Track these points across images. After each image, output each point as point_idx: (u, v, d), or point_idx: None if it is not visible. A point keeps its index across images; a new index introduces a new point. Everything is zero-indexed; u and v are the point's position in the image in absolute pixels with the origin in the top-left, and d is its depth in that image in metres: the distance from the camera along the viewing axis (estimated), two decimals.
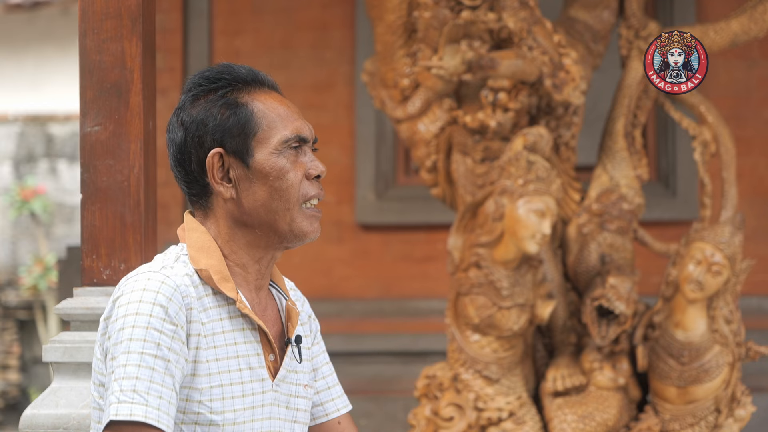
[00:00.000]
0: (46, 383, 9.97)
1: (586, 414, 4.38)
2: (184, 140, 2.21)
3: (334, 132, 6.36)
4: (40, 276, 10.68)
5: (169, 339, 2.08)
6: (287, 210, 2.19)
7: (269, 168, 2.19)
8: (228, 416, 2.14)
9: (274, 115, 2.21)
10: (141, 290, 2.11)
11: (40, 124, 11.33)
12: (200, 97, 2.22)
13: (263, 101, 2.22)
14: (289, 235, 2.22)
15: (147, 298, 2.10)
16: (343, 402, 2.44)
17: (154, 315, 2.08)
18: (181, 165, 2.23)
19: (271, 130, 2.20)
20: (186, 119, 2.21)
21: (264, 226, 2.20)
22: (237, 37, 6.53)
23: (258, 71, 2.27)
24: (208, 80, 2.23)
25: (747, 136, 6.13)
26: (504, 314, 4.33)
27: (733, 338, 4.39)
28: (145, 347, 2.06)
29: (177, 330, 2.10)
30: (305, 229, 2.22)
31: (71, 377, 3.18)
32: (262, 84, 2.25)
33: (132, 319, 2.08)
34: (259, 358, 2.20)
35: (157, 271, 2.15)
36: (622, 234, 4.49)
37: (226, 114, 2.19)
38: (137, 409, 2.03)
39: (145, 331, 2.07)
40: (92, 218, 3.22)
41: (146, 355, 2.06)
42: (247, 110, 2.20)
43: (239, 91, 2.22)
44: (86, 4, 3.23)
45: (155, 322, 2.08)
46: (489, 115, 4.40)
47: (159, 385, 2.06)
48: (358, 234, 6.46)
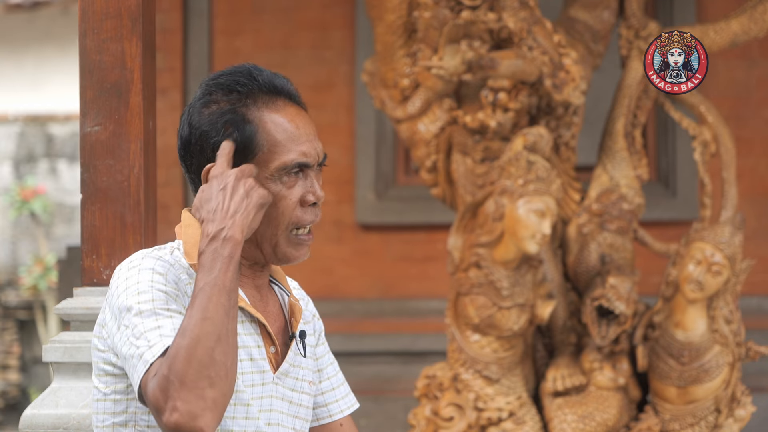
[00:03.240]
0: (46, 383, 9.97)
1: (586, 414, 4.38)
2: (189, 140, 2.20)
3: (334, 132, 6.36)
4: (40, 276, 10.68)
5: (174, 299, 2.08)
6: (274, 235, 2.17)
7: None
8: (228, 408, 2.13)
9: (279, 138, 2.15)
10: (137, 267, 2.11)
11: (40, 124, 11.33)
12: (210, 105, 2.18)
13: (273, 119, 2.16)
14: (272, 257, 2.20)
15: (145, 267, 2.10)
16: (347, 402, 2.42)
17: (155, 281, 2.08)
18: (184, 161, 2.23)
19: (271, 154, 2.14)
20: (193, 122, 2.19)
21: (249, 242, 2.18)
22: (237, 37, 6.53)
23: (279, 79, 2.21)
24: (222, 90, 2.18)
25: (747, 136, 6.13)
26: (504, 314, 4.33)
27: (733, 338, 4.39)
28: (156, 305, 2.05)
29: (179, 294, 2.10)
30: (289, 255, 2.19)
31: (71, 377, 3.18)
32: (279, 94, 2.20)
33: (134, 288, 2.07)
34: (260, 350, 2.18)
35: (148, 253, 2.15)
36: (622, 234, 4.49)
37: (229, 131, 2.15)
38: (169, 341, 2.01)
39: (151, 293, 2.07)
40: (92, 218, 3.22)
41: (158, 309, 2.05)
42: (252, 129, 2.14)
43: (250, 106, 2.16)
44: (86, 4, 3.23)
45: (158, 285, 2.08)
46: (489, 115, 4.40)
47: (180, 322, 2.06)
48: (358, 234, 6.45)
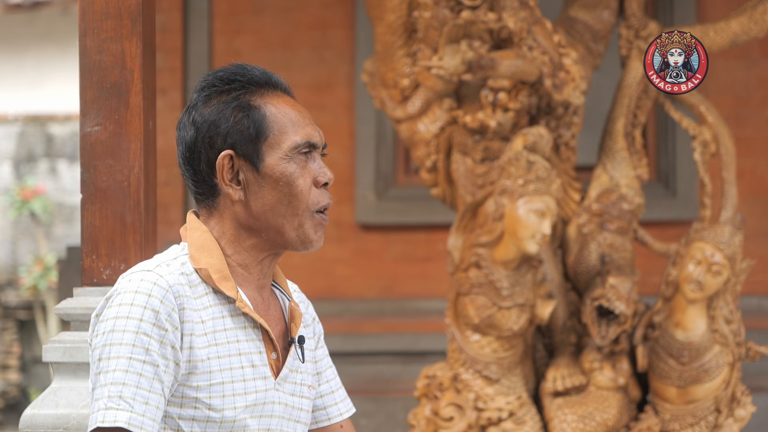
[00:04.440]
0: (46, 383, 9.97)
1: (586, 414, 4.38)
2: (195, 139, 2.20)
3: (334, 132, 6.35)
4: (40, 276, 10.68)
5: (158, 344, 2.07)
6: (295, 216, 2.19)
7: (279, 173, 2.18)
8: (228, 414, 2.13)
9: (286, 120, 2.20)
10: (133, 292, 2.10)
11: (40, 124, 11.33)
12: (213, 98, 2.21)
13: (276, 105, 2.21)
14: (295, 240, 2.21)
15: (138, 301, 2.09)
16: (345, 406, 2.43)
17: (145, 319, 2.08)
18: (190, 164, 2.22)
19: (282, 135, 2.19)
20: (198, 119, 2.20)
21: (271, 230, 2.20)
22: (237, 37, 6.53)
23: (271, 74, 2.25)
24: (222, 81, 2.21)
25: (747, 136, 6.13)
26: (504, 314, 4.33)
27: (733, 338, 4.39)
28: (133, 352, 2.05)
29: (167, 335, 2.09)
30: (311, 237, 2.21)
31: (71, 377, 3.18)
32: (275, 87, 2.24)
33: (123, 323, 2.07)
34: (261, 356, 2.19)
35: (150, 270, 2.14)
36: (622, 234, 4.49)
37: (238, 116, 2.18)
38: (121, 415, 2.02)
39: (135, 336, 2.06)
40: (92, 218, 3.22)
41: (134, 360, 2.05)
42: (260, 113, 2.19)
43: (252, 93, 2.21)
44: (86, 4, 3.23)
45: (145, 327, 2.07)
46: (489, 115, 4.40)
47: (146, 390, 2.05)
48: (358, 234, 6.45)
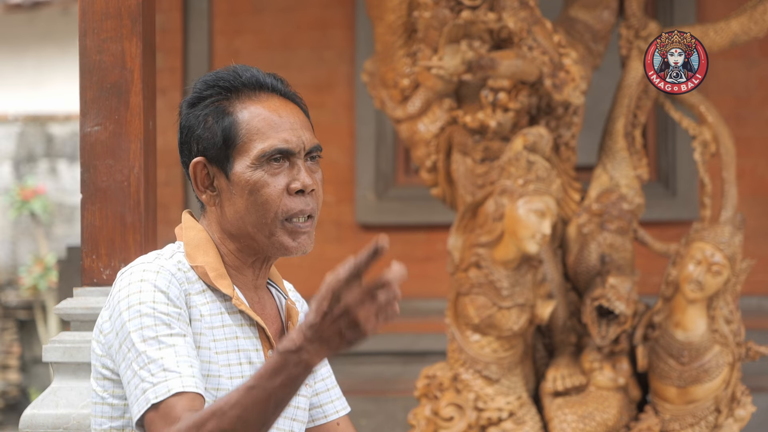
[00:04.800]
0: (46, 383, 9.97)
1: (586, 414, 4.38)
2: (179, 143, 2.24)
3: (334, 132, 6.35)
4: (40, 276, 10.69)
5: (176, 320, 2.09)
6: (264, 224, 2.17)
7: (245, 181, 2.16)
8: None
9: (258, 127, 2.17)
10: (138, 281, 2.11)
11: (40, 124, 11.33)
12: (196, 103, 2.22)
13: (252, 110, 2.18)
14: (270, 248, 2.20)
15: (146, 288, 2.10)
16: (341, 404, 2.43)
17: (157, 300, 2.09)
18: (181, 162, 2.26)
19: (250, 143, 2.16)
20: (182, 122, 2.23)
21: (246, 237, 2.20)
22: (237, 37, 6.53)
23: (264, 75, 2.23)
24: (206, 85, 2.22)
25: (747, 136, 6.12)
26: (504, 314, 4.33)
27: (733, 338, 4.39)
28: (158, 331, 2.06)
29: (182, 312, 2.10)
30: (287, 244, 2.20)
31: (71, 377, 3.18)
32: (263, 88, 2.22)
33: (137, 309, 2.08)
34: (259, 354, 2.19)
35: (150, 261, 2.16)
36: (622, 234, 4.49)
37: (209, 123, 2.18)
38: (173, 384, 2.02)
39: (153, 317, 2.07)
40: (92, 218, 3.22)
41: (161, 337, 2.05)
42: (230, 120, 2.17)
43: (231, 99, 2.19)
44: (86, 4, 3.23)
45: (160, 307, 2.08)
46: (489, 115, 4.40)
47: (185, 356, 2.05)
48: (358, 234, 6.45)
